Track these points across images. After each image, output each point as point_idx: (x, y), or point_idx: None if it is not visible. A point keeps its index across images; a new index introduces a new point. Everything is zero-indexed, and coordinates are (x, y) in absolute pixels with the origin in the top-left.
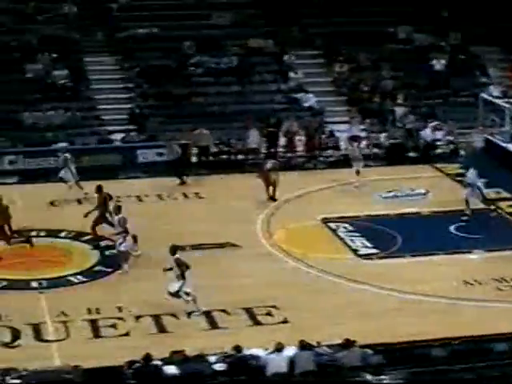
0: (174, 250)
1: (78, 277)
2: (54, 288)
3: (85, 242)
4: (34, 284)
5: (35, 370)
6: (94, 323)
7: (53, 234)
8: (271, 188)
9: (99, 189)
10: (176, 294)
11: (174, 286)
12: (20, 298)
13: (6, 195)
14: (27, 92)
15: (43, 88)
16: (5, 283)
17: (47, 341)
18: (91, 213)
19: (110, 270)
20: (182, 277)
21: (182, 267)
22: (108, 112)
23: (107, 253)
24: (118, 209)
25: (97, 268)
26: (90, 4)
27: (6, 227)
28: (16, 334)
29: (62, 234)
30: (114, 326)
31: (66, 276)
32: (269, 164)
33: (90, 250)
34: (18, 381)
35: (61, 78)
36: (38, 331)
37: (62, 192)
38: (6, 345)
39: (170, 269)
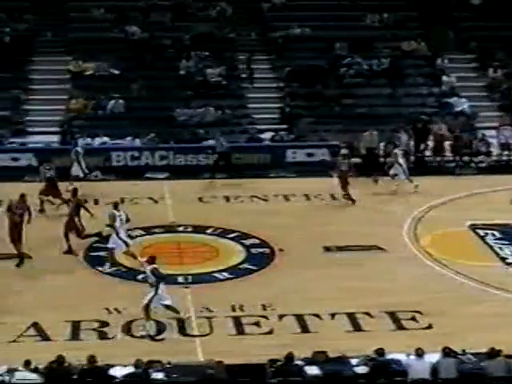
0: (152, 259)
1: (224, 273)
2: (199, 284)
3: (231, 239)
4: (180, 279)
5: (178, 364)
6: (237, 320)
7: (200, 230)
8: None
9: (74, 192)
10: (146, 308)
11: (146, 299)
12: (166, 292)
13: (156, 190)
14: (180, 89)
15: (195, 85)
16: None
17: (191, 335)
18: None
19: (255, 268)
20: (156, 289)
21: (158, 278)
22: (258, 111)
23: (253, 251)
24: (115, 206)
25: (242, 266)
26: (243, 3)
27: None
28: (161, 328)
29: (209, 231)
30: (257, 323)
31: (211, 272)
32: (343, 166)
33: (237, 247)
34: (161, 373)
35: (213, 76)
36: (182, 325)
37: (210, 188)
38: (152, 338)
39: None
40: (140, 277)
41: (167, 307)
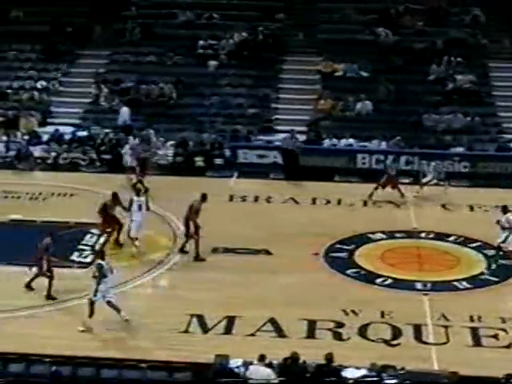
0: (101, 255)
1: (464, 283)
2: (438, 291)
3: (473, 248)
4: (419, 285)
5: (412, 371)
6: (474, 331)
7: (442, 237)
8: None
9: (115, 196)
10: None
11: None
12: (404, 297)
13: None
14: (429, 94)
15: (445, 91)
16: (390, 281)
17: (426, 343)
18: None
19: (496, 279)
20: (97, 284)
21: (99, 274)
22: (509, 120)
23: (495, 262)
24: (138, 193)
25: (483, 276)
26: (498, 9)
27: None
28: (396, 333)
29: (451, 238)
30: (495, 336)
31: (451, 281)
32: (392, 170)
33: (478, 257)
34: (393, 379)
35: (464, 83)
36: (418, 332)
37: (456, 196)
38: (386, 342)
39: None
40: (378, 281)
41: (108, 303)
